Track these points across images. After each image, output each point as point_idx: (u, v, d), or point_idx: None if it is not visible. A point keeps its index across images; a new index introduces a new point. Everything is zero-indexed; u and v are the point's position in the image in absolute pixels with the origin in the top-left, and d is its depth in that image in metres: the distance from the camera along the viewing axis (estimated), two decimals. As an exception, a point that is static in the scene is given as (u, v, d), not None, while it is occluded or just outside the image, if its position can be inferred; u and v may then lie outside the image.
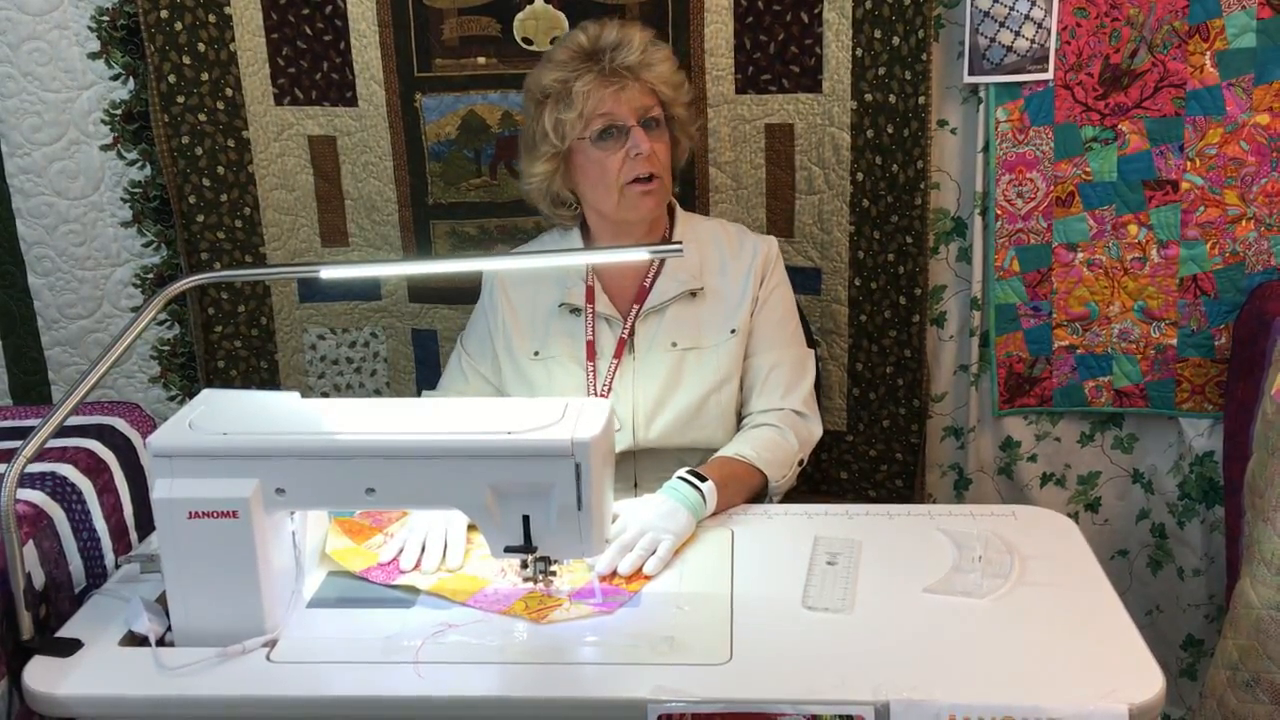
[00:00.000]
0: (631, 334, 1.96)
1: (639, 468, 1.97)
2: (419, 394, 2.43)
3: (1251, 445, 1.98)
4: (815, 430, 1.98)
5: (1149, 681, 1.33)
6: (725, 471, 1.81)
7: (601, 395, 1.93)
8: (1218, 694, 1.83)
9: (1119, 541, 2.43)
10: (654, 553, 1.62)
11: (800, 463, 1.93)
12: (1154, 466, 2.36)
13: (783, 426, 1.92)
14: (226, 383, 2.40)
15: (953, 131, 2.22)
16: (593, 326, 1.96)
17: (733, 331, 1.95)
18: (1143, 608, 2.44)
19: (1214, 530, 2.33)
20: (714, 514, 1.75)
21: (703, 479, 1.74)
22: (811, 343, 2.11)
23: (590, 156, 1.88)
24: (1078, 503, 2.41)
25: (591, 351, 1.96)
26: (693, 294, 1.96)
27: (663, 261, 1.97)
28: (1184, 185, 2.15)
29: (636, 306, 1.96)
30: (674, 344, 1.95)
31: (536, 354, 1.98)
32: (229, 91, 2.24)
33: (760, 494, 1.87)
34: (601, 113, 1.85)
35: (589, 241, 2.00)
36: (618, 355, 1.95)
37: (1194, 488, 2.32)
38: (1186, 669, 2.43)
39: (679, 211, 2.03)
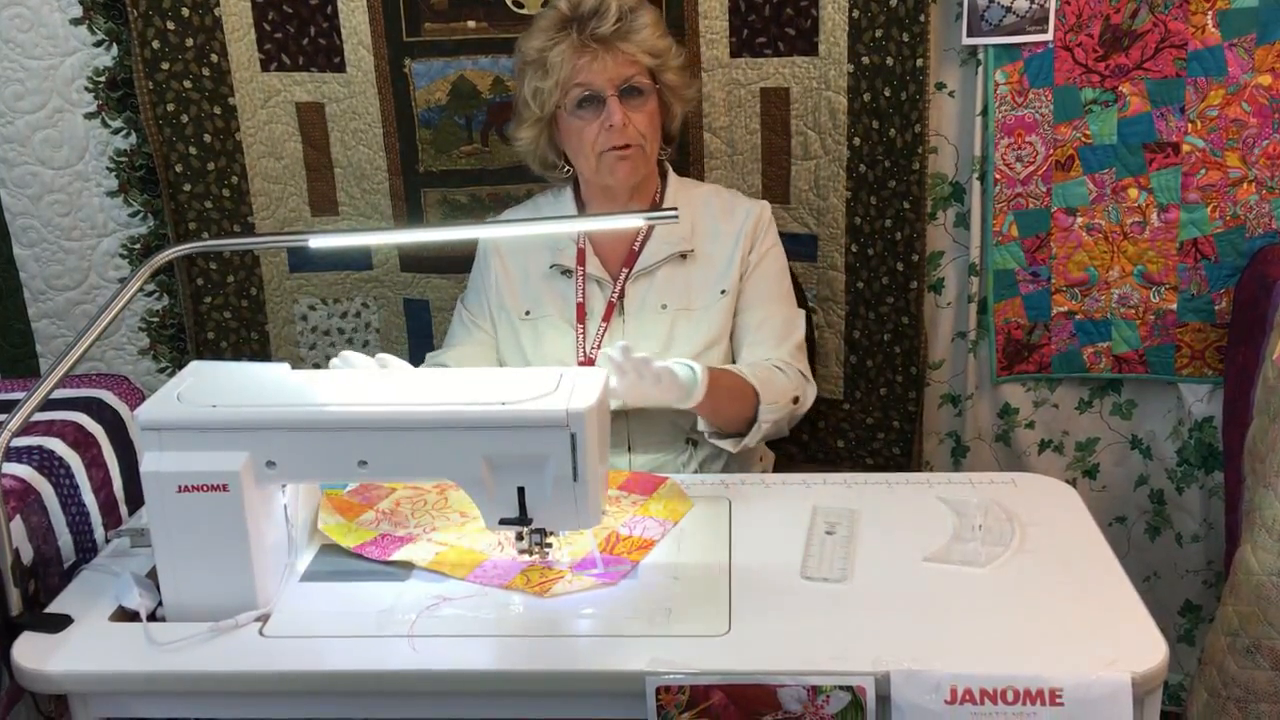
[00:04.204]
0: (621, 296, 1.95)
1: (631, 428, 1.96)
2: (415, 363, 2.41)
3: (1252, 410, 1.96)
4: (810, 387, 1.97)
5: (1152, 650, 1.32)
6: (716, 370, 1.81)
7: (591, 356, 1.93)
8: (1217, 660, 1.82)
9: (1117, 508, 2.42)
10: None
11: (795, 400, 1.90)
12: (1153, 432, 2.35)
13: (781, 367, 1.92)
14: (216, 354, 2.38)
15: (951, 94, 2.19)
16: (583, 288, 1.96)
17: (723, 292, 1.95)
18: (1140, 574, 2.43)
19: (1213, 496, 2.32)
20: (705, 406, 1.75)
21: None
22: (805, 307, 2.09)
23: (570, 125, 1.90)
24: (1076, 469, 2.40)
25: (581, 313, 1.96)
26: (683, 256, 1.96)
27: (653, 224, 1.96)
28: (1185, 148, 2.12)
29: (626, 269, 1.96)
30: (664, 306, 1.95)
31: (528, 314, 1.99)
32: (214, 57, 2.20)
33: (751, 416, 1.84)
34: (577, 82, 1.85)
35: (580, 201, 2.01)
36: (606, 318, 1.95)
37: (1193, 453, 2.31)
38: (1184, 635, 2.43)
39: (671, 176, 2.02)
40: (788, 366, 1.93)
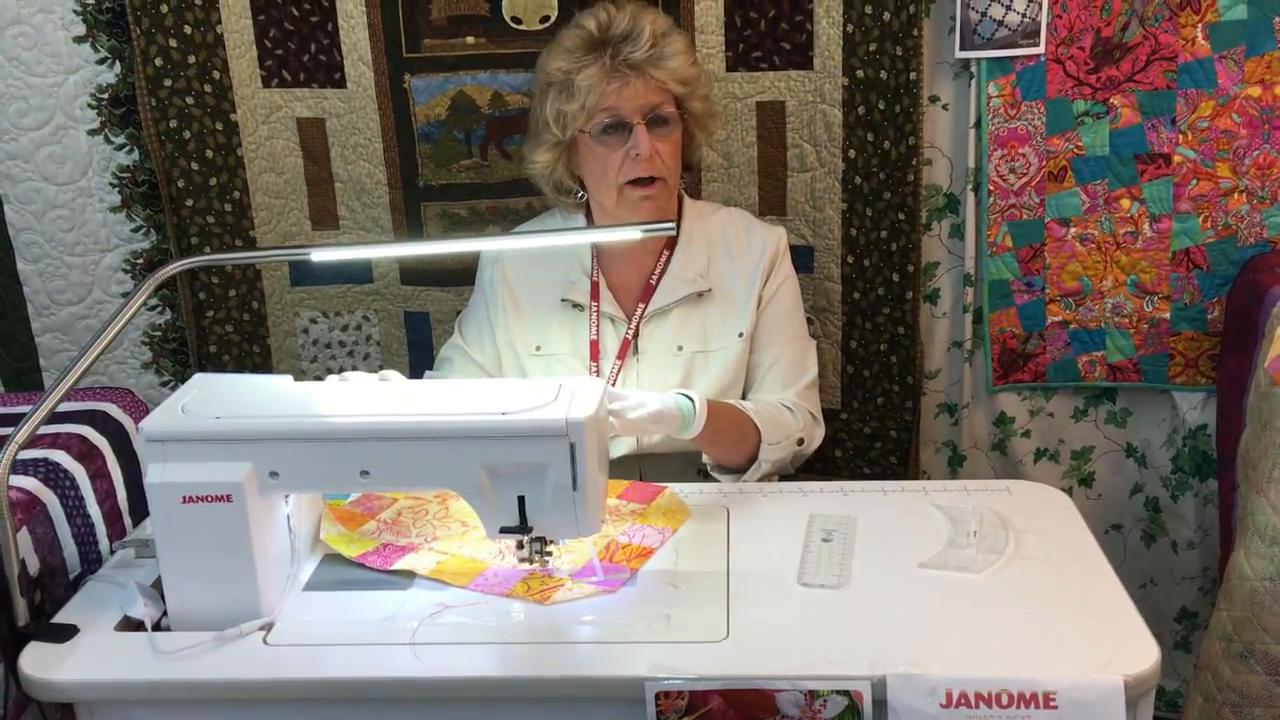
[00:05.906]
0: (636, 335, 1.93)
1: (645, 469, 1.94)
2: (415, 375, 2.43)
3: (1244, 418, 1.98)
4: (819, 429, 1.96)
5: (1144, 653, 1.33)
6: (716, 403, 1.79)
7: None
8: (1212, 665, 1.84)
9: (1112, 516, 2.43)
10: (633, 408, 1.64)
11: (800, 441, 1.91)
12: (1147, 440, 2.36)
13: (790, 407, 1.91)
14: (219, 368, 2.39)
15: (944, 107, 2.21)
16: (597, 325, 1.93)
17: (740, 335, 1.93)
18: (1136, 581, 2.44)
19: (1207, 503, 2.33)
20: (704, 438, 1.74)
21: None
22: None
23: (593, 150, 1.84)
24: (1071, 478, 2.41)
25: (595, 351, 1.93)
26: (699, 295, 1.93)
27: (669, 258, 1.94)
28: (1176, 159, 2.14)
29: (642, 305, 1.93)
30: (680, 348, 1.92)
31: (538, 349, 1.95)
32: (216, 74, 2.22)
33: (753, 454, 1.83)
34: (604, 107, 1.80)
35: (592, 226, 1.97)
36: (621, 356, 1.92)
37: (1187, 461, 2.33)
38: (1180, 641, 2.44)
39: (687, 201, 2.00)
40: (797, 407, 1.92)
